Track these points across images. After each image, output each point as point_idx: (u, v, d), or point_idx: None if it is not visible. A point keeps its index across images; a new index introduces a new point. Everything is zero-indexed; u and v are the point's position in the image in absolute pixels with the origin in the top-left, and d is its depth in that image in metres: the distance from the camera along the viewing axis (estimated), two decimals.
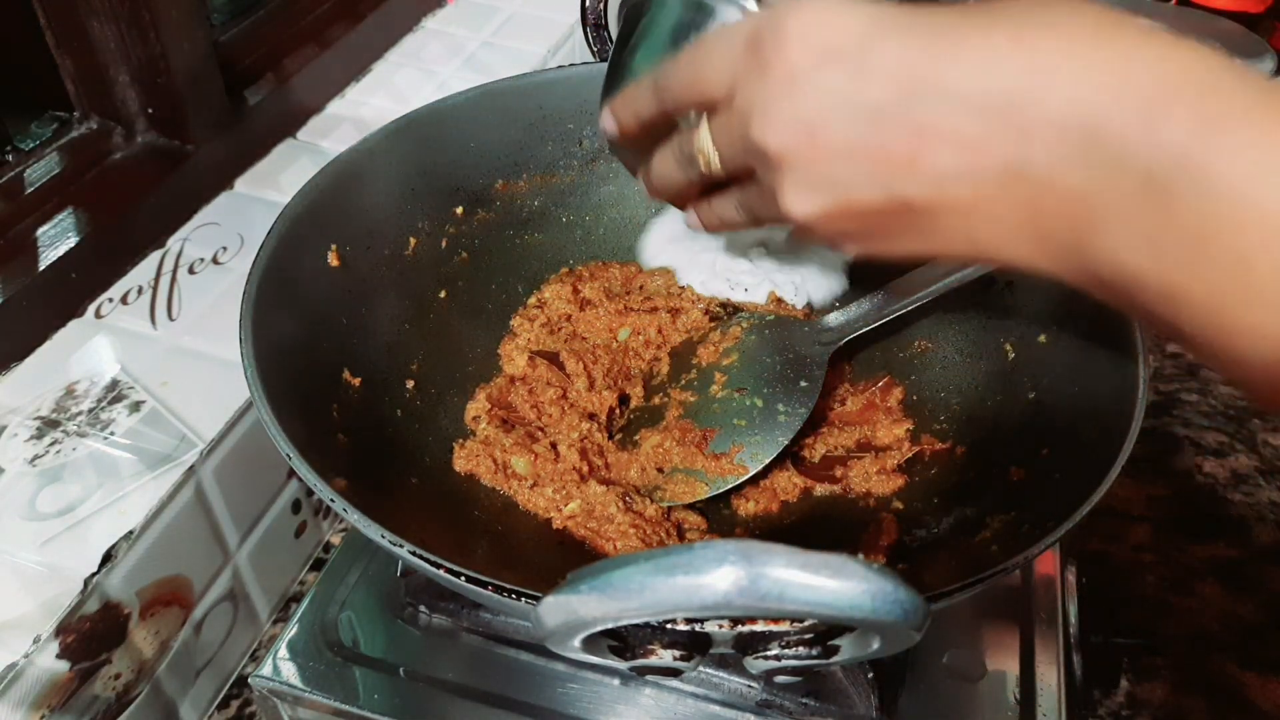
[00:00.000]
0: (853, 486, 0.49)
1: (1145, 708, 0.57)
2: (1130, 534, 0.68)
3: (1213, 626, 0.61)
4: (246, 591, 0.57)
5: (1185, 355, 0.82)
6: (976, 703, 0.45)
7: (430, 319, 0.54)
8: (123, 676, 0.48)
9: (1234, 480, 0.72)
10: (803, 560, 0.24)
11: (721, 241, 0.56)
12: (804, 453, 0.51)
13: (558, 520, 0.47)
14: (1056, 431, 0.45)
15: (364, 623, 0.49)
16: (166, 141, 0.66)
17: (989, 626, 0.48)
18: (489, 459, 0.48)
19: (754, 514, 0.48)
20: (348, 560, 0.51)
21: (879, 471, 0.49)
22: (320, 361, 0.47)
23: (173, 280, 0.61)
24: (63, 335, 0.57)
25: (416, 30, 0.88)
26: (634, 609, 0.25)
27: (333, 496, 0.35)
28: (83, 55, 0.62)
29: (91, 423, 0.52)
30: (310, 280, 0.48)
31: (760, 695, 0.45)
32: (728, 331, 0.54)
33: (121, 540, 0.47)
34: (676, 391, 0.52)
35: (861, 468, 0.49)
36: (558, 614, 0.27)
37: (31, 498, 0.48)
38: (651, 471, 0.49)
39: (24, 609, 0.44)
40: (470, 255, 0.57)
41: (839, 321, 0.52)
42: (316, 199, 0.49)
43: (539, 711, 0.45)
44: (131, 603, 0.48)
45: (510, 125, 0.58)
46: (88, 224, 0.60)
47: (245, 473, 0.54)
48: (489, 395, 0.52)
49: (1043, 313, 0.50)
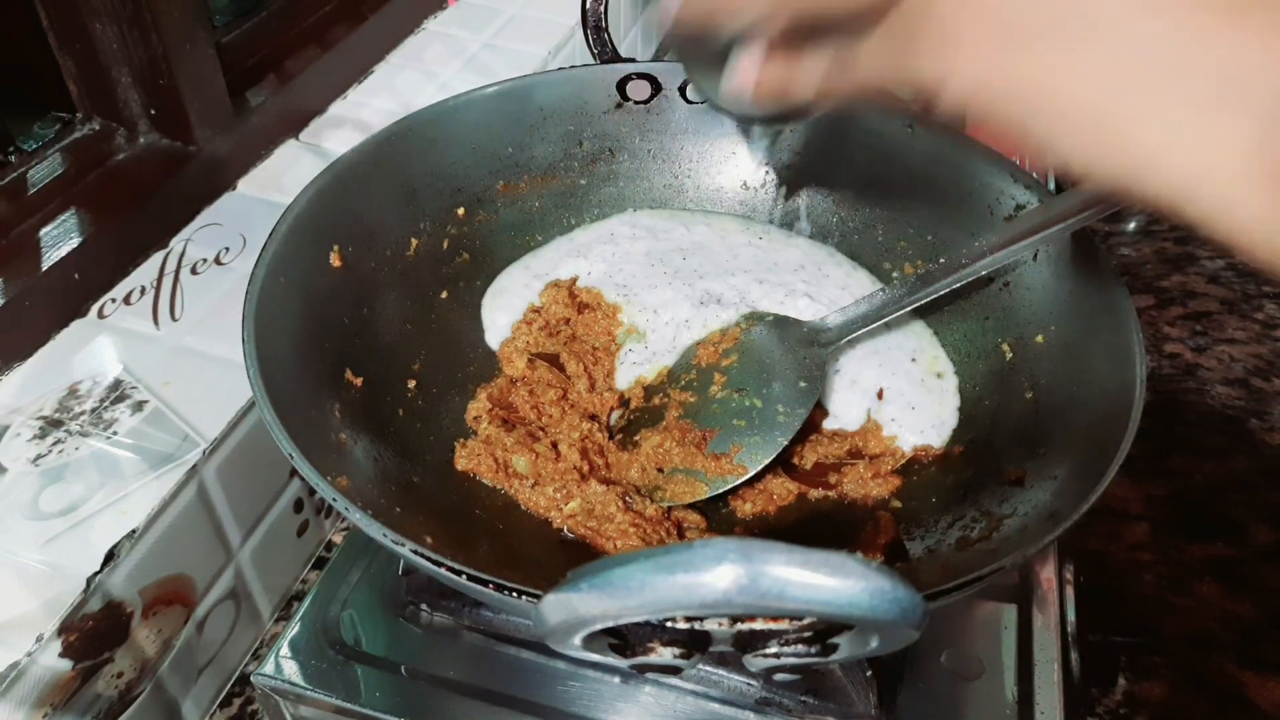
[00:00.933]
0: (847, 493, 0.49)
1: (1143, 707, 0.57)
2: (1129, 533, 0.68)
3: (1211, 626, 0.62)
4: (249, 590, 0.57)
5: (1183, 355, 0.83)
6: (975, 701, 0.45)
7: (432, 319, 0.55)
8: (125, 675, 0.49)
9: (1233, 480, 0.72)
10: (802, 558, 0.24)
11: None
12: (795, 460, 0.50)
13: (558, 519, 0.47)
14: (1054, 431, 0.45)
15: (366, 621, 0.49)
16: (169, 142, 0.67)
17: (987, 625, 0.48)
18: (490, 458, 0.49)
19: (752, 514, 0.49)
20: (349, 559, 0.51)
21: (874, 476, 0.49)
22: (322, 361, 0.47)
23: (175, 280, 0.61)
24: (65, 335, 0.57)
25: (418, 32, 0.88)
26: (634, 607, 0.25)
27: (335, 495, 0.36)
28: (85, 56, 0.62)
29: (94, 422, 0.52)
30: (312, 281, 0.48)
31: (759, 693, 0.45)
32: (727, 332, 0.54)
33: (124, 539, 0.47)
34: (676, 392, 0.52)
35: (855, 473, 0.49)
36: (558, 612, 0.27)
37: (34, 497, 0.48)
38: (651, 471, 0.49)
39: (27, 608, 0.44)
40: (472, 256, 0.58)
41: (838, 322, 0.52)
42: (318, 200, 0.49)
43: (540, 709, 0.45)
44: (134, 601, 0.48)
45: (511, 127, 0.58)
46: (90, 224, 0.60)
47: (247, 472, 0.55)
48: (490, 395, 0.52)
49: (1041, 313, 0.50)
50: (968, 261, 0.49)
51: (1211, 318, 0.86)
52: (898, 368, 0.53)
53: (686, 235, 0.61)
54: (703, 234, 0.61)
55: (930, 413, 0.51)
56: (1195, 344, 0.84)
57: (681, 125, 0.61)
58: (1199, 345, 0.84)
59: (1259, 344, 0.84)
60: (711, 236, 0.60)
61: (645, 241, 0.60)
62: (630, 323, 0.56)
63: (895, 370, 0.53)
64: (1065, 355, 0.47)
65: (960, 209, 0.55)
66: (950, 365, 0.53)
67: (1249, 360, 0.82)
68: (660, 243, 0.60)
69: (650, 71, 0.59)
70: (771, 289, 0.56)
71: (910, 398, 0.52)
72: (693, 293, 0.56)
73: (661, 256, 0.59)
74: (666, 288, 0.57)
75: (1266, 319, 0.86)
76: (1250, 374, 0.81)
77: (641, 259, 0.59)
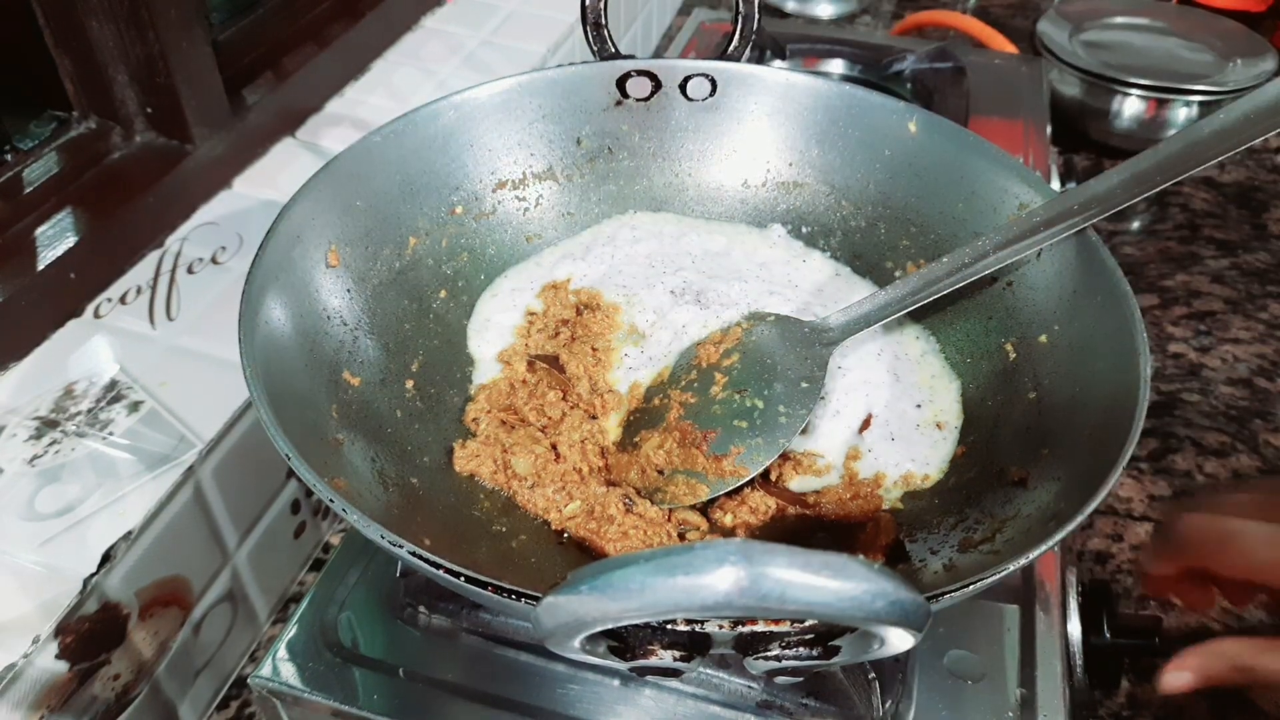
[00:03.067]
0: (826, 513, 0.47)
1: (1146, 708, 0.57)
2: (1132, 534, 0.67)
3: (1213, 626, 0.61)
4: (246, 592, 0.57)
5: (1187, 355, 0.82)
6: (977, 704, 0.45)
7: (430, 319, 0.54)
8: (122, 677, 0.48)
9: (1235, 481, 0.72)
10: (803, 560, 0.24)
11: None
12: (773, 476, 0.49)
13: (558, 521, 0.47)
14: (1057, 432, 0.45)
15: (363, 623, 0.48)
16: (165, 141, 0.66)
17: (990, 627, 0.48)
18: (490, 459, 0.48)
19: (732, 526, 0.47)
20: (347, 560, 0.51)
21: (853, 499, 0.47)
22: (319, 361, 0.46)
23: (171, 280, 0.61)
24: (61, 335, 0.57)
25: (415, 29, 0.88)
26: (634, 609, 0.25)
27: (332, 496, 0.35)
28: (81, 54, 0.62)
29: (90, 423, 0.52)
30: (309, 280, 0.48)
31: (760, 696, 0.44)
32: (729, 331, 0.54)
33: (120, 541, 0.47)
34: (677, 392, 0.52)
35: (834, 494, 0.47)
36: (558, 614, 0.26)
37: (30, 498, 0.48)
38: (652, 473, 0.49)
39: (23, 609, 0.44)
40: (470, 255, 0.57)
41: (840, 322, 0.52)
42: (315, 198, 0.49)
43: (539, 712, 0.45)
44: (130, 603, 0.48)
45: (510, 124, 0.58)
46: (86, 224, 0.60)
47: (244, 473, 0.54)
48: (489, 396, 0.52)
49: (1044, 313, 0.50)
50: (970, 261, 0.49)
51: (1215, 317, 0.86)
52: (902, 410, 0.51)
53: (690, 240, 0.60)
54: (709, 240, 0.60)
55: (919, 453, 0.49)
56: (1199, 344, 0.83)
57: (682, 123, 0.61)
58: (1203, 345, 0.83)
59: (1263, 344, 0.84)
60: (718, 243, 0.60)
61: (646, 243, 0.60)
62: (630, 324, 0.56)
63: (895, 410, 0.51)
64: (1069, 355, 0.47)
65: (963, 208, 0.55)
66: (957, 419, 0.51)
67: (1253, 360, 0.82)
68: (662, 245, 0.60)
69: (650, 68, 0.59)
70: (782, 303, 0.56)
71: (900, 436, 0.50)
72: (694, 296, 0.56)
73: (663, 259, 0.59)
74: (667, 290, 0.56)
75: (1271, 319, 0.86)
76: (1254, 374, 0.81)
77: (642, 261, 0.59)
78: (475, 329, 0.56)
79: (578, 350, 0.54)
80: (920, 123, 0.56)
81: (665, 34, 1.24)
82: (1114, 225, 0.97)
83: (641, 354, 0.54)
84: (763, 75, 0.59)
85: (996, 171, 0.53)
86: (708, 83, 0.59)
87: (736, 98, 0.60)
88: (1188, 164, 0.44)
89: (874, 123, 0.57)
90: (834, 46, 0.99)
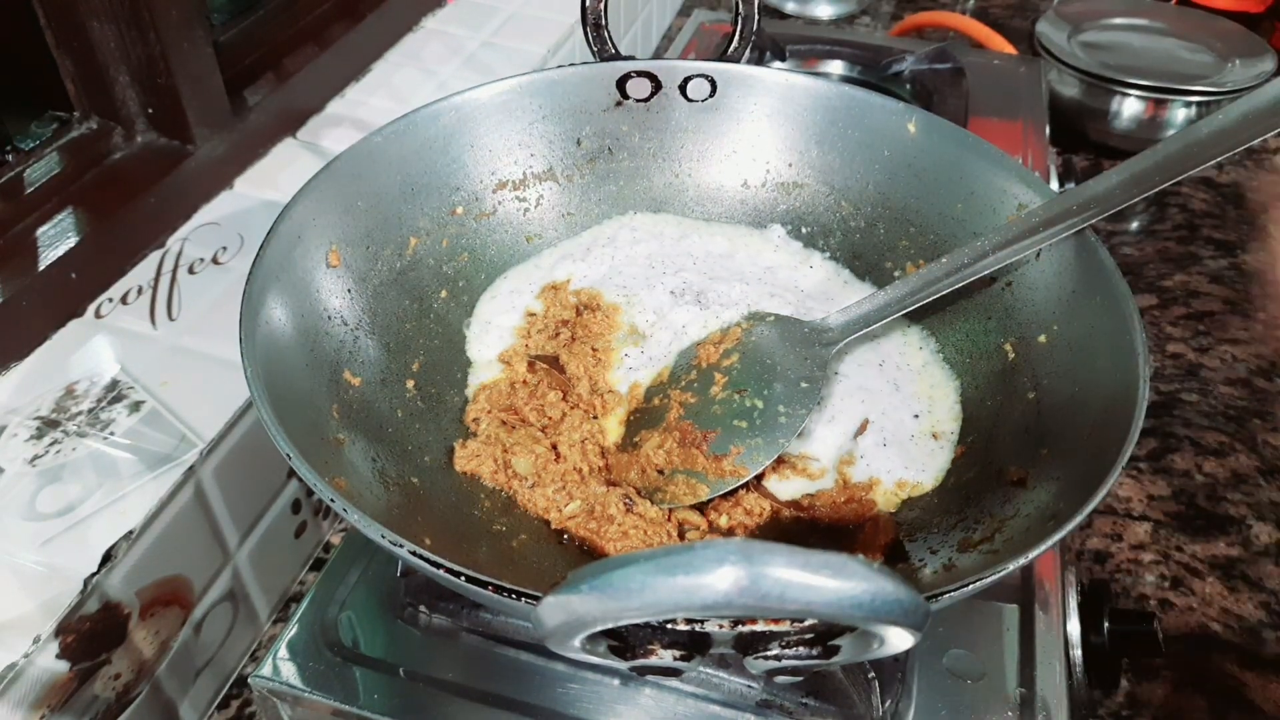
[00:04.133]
0: (820, 517, 0.47)
1: (1146, 708, 0.57)
2: (1130, 533, 0.68)
3: (1213, 626, 0.61)
4: (246, 591, 0.57)
5: (1186, 355, 0.82)
6: (977, 703, 0.45)
7: (430, 319, 0.54)
8: (122, 677, 0.48)
9: (1234, 480, 0.72)
10: (803, 560, 0.24)
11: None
12: (765, 480, 0.49)
13: (558, 520, 0.47)
14: (1056, 432, 0.45)
15: (364, 623, 0.48)
16: (166, 141, 0.66)
17: (989, 627, 0.48)
18: (490, 459, 0.48)
19: (727, 528, 0.47)
20: (348, 560, 0.51)
21: (847, 502, 0.47)
22: (320, 362, 0.46)
23: (172, 280, 0.61)
24: (62, 335, 0.57)
25: (416, 30, 0.88)
26: (634, 609, 0.25)
27: (333, 496, 0.35)
28: (82, 55, 0.62)
29: (91, 423, 0.52)
30: (310, 280, 0.48)
31: (760, 695, 0.45)
32: (729, 331, 0.54)
33: (121, 540, 0.47)
34: (677, 392, 0.52)
35: (828, 497, 0.48)
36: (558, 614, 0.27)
37: (31, 498, 0.48)
38: (652, 473, 0.49)
39: (24, 609, 0.44)
40: (470, 255, 0.57)
41: (840, 322, 0.52)
42: (316, 199, 0.49)
43: (539, 711, 0.45)
44: (131, 603, 0.48)
45: (510, 125, 0.58)
46: (87, 224, 0.60)
47: (245, 473, 0.54)
48: (490, 396, 0.52)
49: (1043, 313, 0.50)
50: (970, 261, 0.49)
51: (1214, 317, 0.86)
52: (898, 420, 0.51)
53: (690, 241, 0.60)
54: (708, 241, 0.61)
55: (914, 461, 0.49)
56: (1198, 344, 0.84)
57: (682, 123, 0.61)
58: (1201, 345, 0.83)
59: (1262, 344, 0.84)
60: (718, 243, 0.60)
61: (646, 244, 0.60)
62: (630, 324, 0.56)
63: (890, 417, 0.51)
64: (1068, 355, 0.47)
65: (962, 208, 0.55)
66: (955, 430, 0.51)
67: (1251, 360, 0.82)
68: (662, 246, 0.60)
69: (650, 69, 0.59)
70: (782, 304, 0.56)
71: (895, 444, 0.50)
72: (694, 296, 0.56)
73: (663, 259, 0.59)
74: (667, 291, 0.57)
75: (1269, 319, 0.86)
76: (1253, 374, 0.81)
77: (642, 261, 0.59)
78: (475, 329, 0.56)
79: (578, 350, 0.54)
80: (919, 123, 0.56)
81: (665, 35, 1.24)
82: (1113, 226, 0.97)
83: (641, 354, 0.54)
84: (762, 76, 0.59)
85: (995, 172, 0.53)
86: (707, 83, 0.60)
87: (736, 98, 0.60)
88: (1186, 164, 0.44)
89: (873, 123, 0.58)
90: (833, 47, 0.99)
